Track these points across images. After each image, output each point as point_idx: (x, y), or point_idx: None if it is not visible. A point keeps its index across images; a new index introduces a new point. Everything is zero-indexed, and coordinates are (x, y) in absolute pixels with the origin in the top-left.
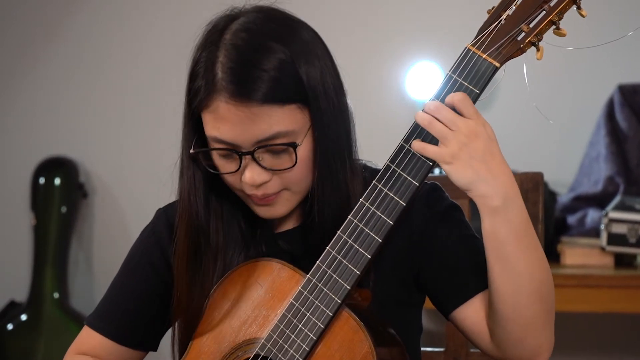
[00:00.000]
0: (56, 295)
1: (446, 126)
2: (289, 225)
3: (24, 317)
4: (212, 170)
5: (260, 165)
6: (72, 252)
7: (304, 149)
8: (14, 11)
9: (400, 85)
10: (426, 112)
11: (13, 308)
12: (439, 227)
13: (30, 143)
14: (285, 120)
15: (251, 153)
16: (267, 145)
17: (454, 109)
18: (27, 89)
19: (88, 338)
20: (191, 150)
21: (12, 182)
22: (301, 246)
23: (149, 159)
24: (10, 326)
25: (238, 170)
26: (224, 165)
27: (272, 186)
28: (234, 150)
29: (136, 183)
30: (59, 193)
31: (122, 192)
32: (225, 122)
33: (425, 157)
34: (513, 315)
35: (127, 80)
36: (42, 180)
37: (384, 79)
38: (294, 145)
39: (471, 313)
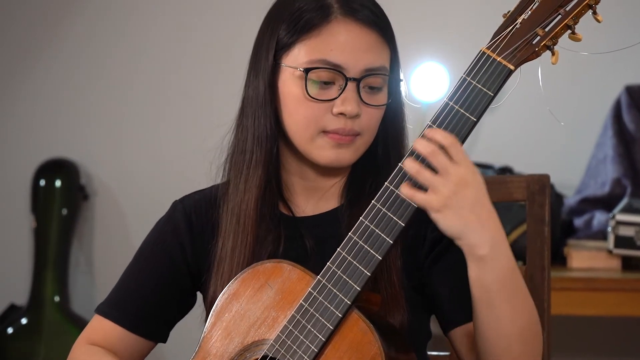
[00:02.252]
0: (57, 298)
1: (438, 171)
2: (308, 211)
3: (24, 320)
4: (309, 96)
5: (360, 96)
6: (73, 255)
7: (385, 96)
8: (15, 12)
9: (406, 86)
10: (420, 151)
11: (13, 311)
12: (453, 243)
13: (31, 145)
14: (386, 60)
15: (358, 80)
16: (375, 74)
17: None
18: (27, 90)
19: (99, 326)
20: (300, 69)
21: (12, 184)
22: (324, 232)
23: (151, 160)
24: (10, 330)
25: (335, 99)
26: (320, 93)
27: (358, 124)
28: (342, 73)
29: (138, 185)
30: (60, 195)
31: (123, 194)
32: (341, 44)
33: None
34: (494, 358)
35: (129, 81)
36: (42, 182)
37: None
38: (399, 79)
39: (464, 338)
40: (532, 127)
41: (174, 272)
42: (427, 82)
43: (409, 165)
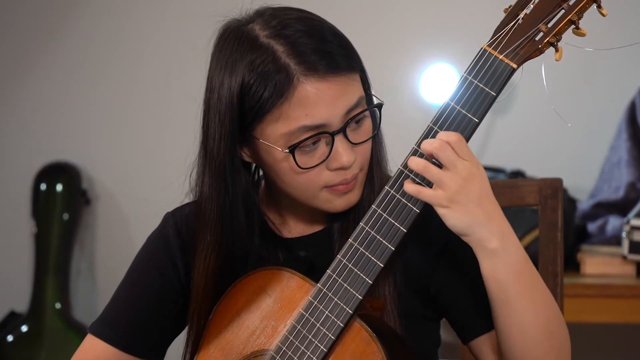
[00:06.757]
0: (58, 305)
1: (445, 167)
2: (299, 231)
3: (24, 328)
4: (301, 168)
5: (350, 141)
6: (75, 260)
7: (369, 120)
8: (16, 14)
9: (415, 88)
10: (427, 148)
11: (13, 319)
12: (464, 248)
13: (32, 148)
14: (359, 86)
15: (343, 129)
16: (357, 114)
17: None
18: (28, 93)
19: (91, 347)
20: (285, 150)
21: (12, 189)
22: (318, 251)
23: (153, 164)
24: (10, 337)
25: (327, 159)
26: (308, 161)
27: (356, 165)
28: (326, 132)
29: (140, 189)
30: (61, 200)
31: (125, 199)
32: (315, 104)
33: (411, 203)
34: (522, 356)
35: (131, 84)
36: (43, 187)
37: (398, 81)
38: (380, 106)
39: (487, 347)
40: (544, 130)
41: (166, 289)
42: (437, 84)
43: (415, 162)
